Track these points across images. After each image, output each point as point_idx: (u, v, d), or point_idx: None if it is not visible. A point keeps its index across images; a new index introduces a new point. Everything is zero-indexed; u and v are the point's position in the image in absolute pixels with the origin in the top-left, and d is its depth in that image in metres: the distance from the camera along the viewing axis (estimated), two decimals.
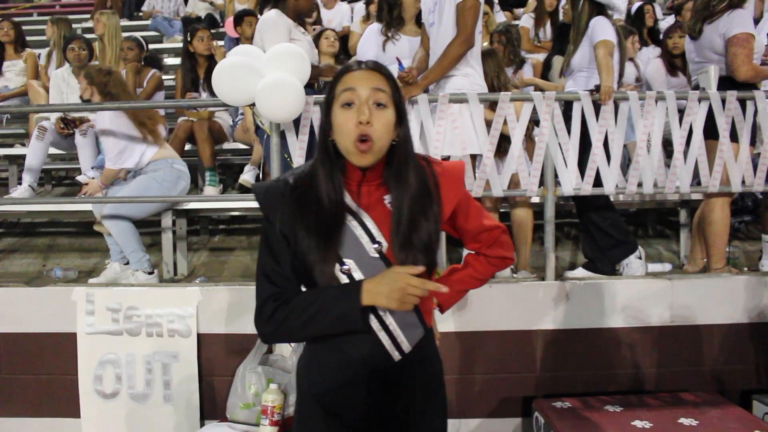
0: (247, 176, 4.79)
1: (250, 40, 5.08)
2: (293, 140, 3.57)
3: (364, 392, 1.64)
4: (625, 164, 4.52)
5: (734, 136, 3.71)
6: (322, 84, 3.93)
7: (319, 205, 1.57)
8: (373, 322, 1.60)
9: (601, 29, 3.84)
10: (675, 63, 5.20)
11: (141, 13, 9.78)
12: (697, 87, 3.96)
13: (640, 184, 3.69)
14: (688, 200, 4.61)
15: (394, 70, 3.69)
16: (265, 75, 3.27)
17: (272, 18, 3.89)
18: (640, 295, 3.50)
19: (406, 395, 1.68)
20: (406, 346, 1.64)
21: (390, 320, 1.61)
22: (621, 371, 3.48)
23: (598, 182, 3.65)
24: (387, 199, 1.62)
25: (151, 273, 4.18)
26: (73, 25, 10.04)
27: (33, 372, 3.62)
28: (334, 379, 1.66)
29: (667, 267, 4.52)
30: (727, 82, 3.78)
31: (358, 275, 1.58)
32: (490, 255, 1.85)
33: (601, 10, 3.93)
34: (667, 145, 3.93)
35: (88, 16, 10.47)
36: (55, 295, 3.64)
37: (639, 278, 3.65)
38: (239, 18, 6.10)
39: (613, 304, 3.48)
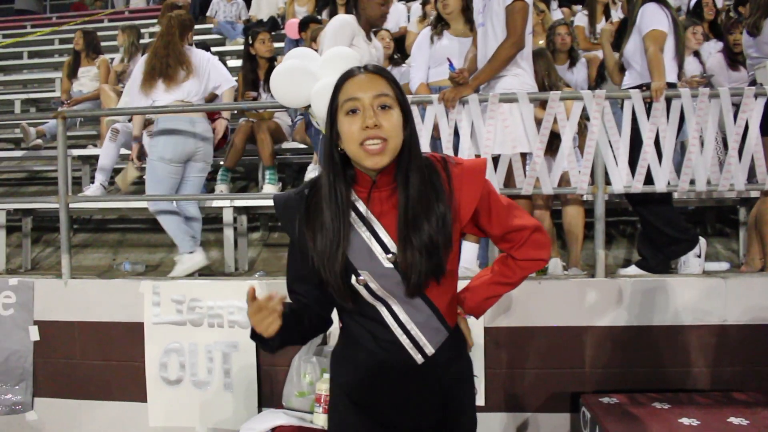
0: (312, 174, 4.95)
1: (312, 43, 5.26)
2: None
3: (389, 391, 1.66)
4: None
5: None
6: None
7: (323, 217, 1.56)
8: (394, 327, 1.61)
9: (650, 17, 3.75)
10: (736, 57, 5.09)
11: (206, 17, 10.08)
12: (754, 83, 3.89)
13: (692, 182, 3.66)
14: (747, 198, 4.52)
15: (446, 70, 3.77)
16: (319, 77, 3.40)
17: (338, 21, 3.93)
18: (692, 294, 3.47)
19: (432, 397, 1.67)
20: (429, 350, 1.64)
21: (411, 325, 1.62)
22: (671, 369, 3.45)
23: (650, 180, 3.63)
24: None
25: (191, 252, 4.33)
26: (142, 30, 10.52)
27: (104, 358, 3.86)
28: (361, 375, 1.67)
29: (724, 266, 4.45)
30: None
31: (375, 286, 1.58)
32: (519, 258, 1.73)
33: None
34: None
35: (156, 21, 10.91)
36: (124, 287, 3.86)
37: (692, 276, 3.62)
38: (304, 24, 6.29)
39: (663, 302, 3.46)
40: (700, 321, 3.45)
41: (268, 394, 3.65)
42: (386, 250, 1.57)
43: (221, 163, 5.26)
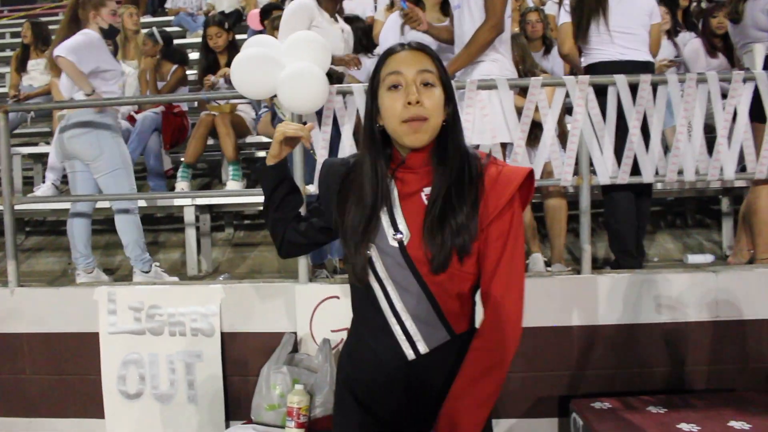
0: None
1: (274, 32, 4.97)
2: (316, 132, 3.44)
3: (387, 388, 1.59)
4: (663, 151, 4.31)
5: None
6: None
7: (361, 195, 1.55)
8: (388, 313, 1.54)
9: None
10: (715, 43, 4.97)
11: (166, 10, 9.74)
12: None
13: (680, 172, 3.49)
14: (730, 188, 4.40)
15: None
16: (284, 65, 3.14)
17: (294, 5, 3.78)
18: (682, 289, 3.32)
19: (428, 399, 1.57)
20: (423, 347, 1.54)
21: (406, 315, 1.53)
22: (663, 369, 3.30)
23: (636, 170, 3.46)
24: (426, 192, 1.53)
25: (147, 272, 4.08)
26: None
27: (57, 372, 3.58)
28: (362, 372, 1.64)
29: (709, 258, 4.33)
30: None
31: (378, 265, 1.54)
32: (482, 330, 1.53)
33: None
34: (709, 131, 3.72)
35: None
36: (76, 295, 3.58)
37: (681, 271, 3.45)
38: (266, 12, 5.99)
39: (653, 298, 3.30)
40: (691, 317, 3.30)
41: (236, 407, 3.40)
42: (396, 229, 1.52)
43: (181, 159, 4.96)
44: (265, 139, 5.17)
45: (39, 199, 4.58)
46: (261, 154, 5.76)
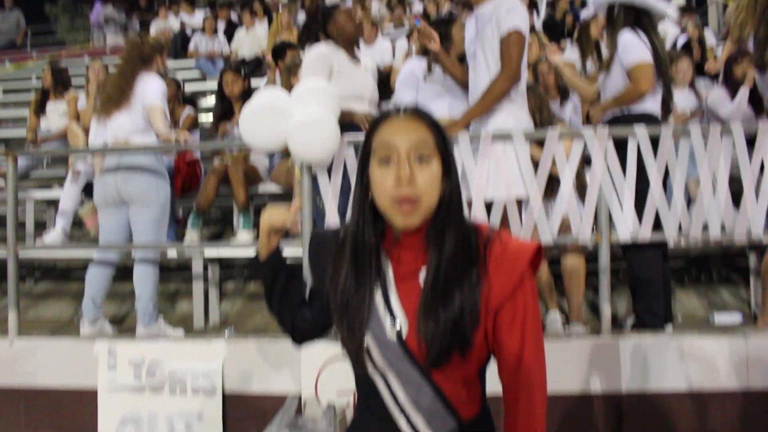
0: None
1: (288, 73, 4.94)
2: (325, 182, 3.35)
3: None
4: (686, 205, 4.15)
5: None
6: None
7: (351, 274, 1.41)
8: (391, 405, 1.40)
9: (630, 48, 3.47)
10: (738, 91, 4.84)
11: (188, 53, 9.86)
12: None
13: (705, 227, 3.33)
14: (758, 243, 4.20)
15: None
16: (292, 115, 3.07)
17: (312, 55, 3.72)
18: (710, 353, 3.13)
19: None
20: None
21: (408, 407, 1.38)
22: None
23: (658, 225, 3.31)
24: (422, 275, 1.38)
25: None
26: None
27: (53, 428, 3.46)
28: None
29: (737, 318, 4.12)
30: None
31: (376, 354, 1.38)
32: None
33: (641, 20, 3.54)
34: (734, 183, 3.57)
35: None
36: (76, 349, 3.48)
37: (708, 334, 3.26)
38: (280, 51, 5.96)
39: (679, 363, 3.11)
40: (719, 385, 3.10)
41: None
42: (392, 315, 1.38)
43: (193, 206, 4.89)
44: (277, 189, 5.09)
45: (43, 247, 4.51)
46: (274, 203, 5.68)
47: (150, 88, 3.89)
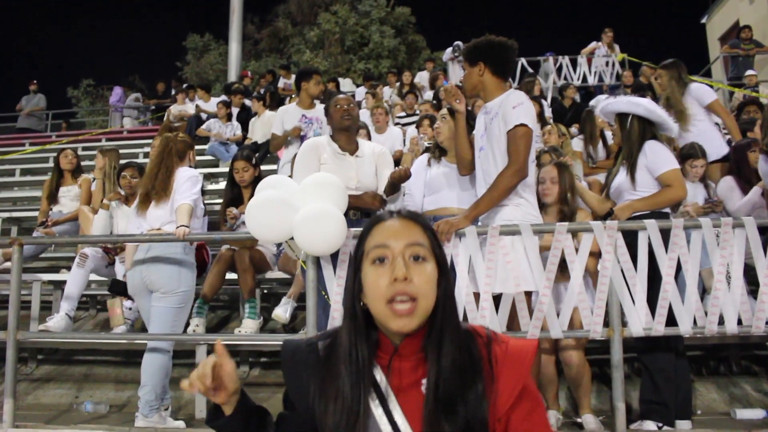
0: (280, 311, 4.53)
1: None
2: (330, 275, 3.31)
3: None
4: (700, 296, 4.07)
5: None
6: (359, 214, 3.69)
7: (343, 382, 1.31)
8: None
9: (663, 157, 3.55)
10: (752, 180, 4.81)
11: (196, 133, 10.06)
12: None
13: (720, 322, 3.24)
14: None
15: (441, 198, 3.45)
16: (298, 207, 3.07)
17: (304, 146, 3.89)
18: None
19: None
20: None
21: None
22: None
23: (671, 320, 3.22)
24: (424, 383, 1.31)
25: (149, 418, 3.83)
26: (137, 150, 10.49)
27: None
28: None
29: (760, 414, 3.95)
30: None
31: None
32: None
33: (653, 131, 3.65)
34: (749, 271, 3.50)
35: (151, 141, 10.95)
36: None
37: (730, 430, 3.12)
38: (305, 74, 6.06)
39: None
40: None
41: None
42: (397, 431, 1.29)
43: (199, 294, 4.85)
44: (285, 276, 5.06)
45: (44, 335, 4.46)
46: (281, 290, 5.64)
47: (185, 188, 4.00)
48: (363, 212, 3.61)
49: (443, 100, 7.29)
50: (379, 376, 1.32)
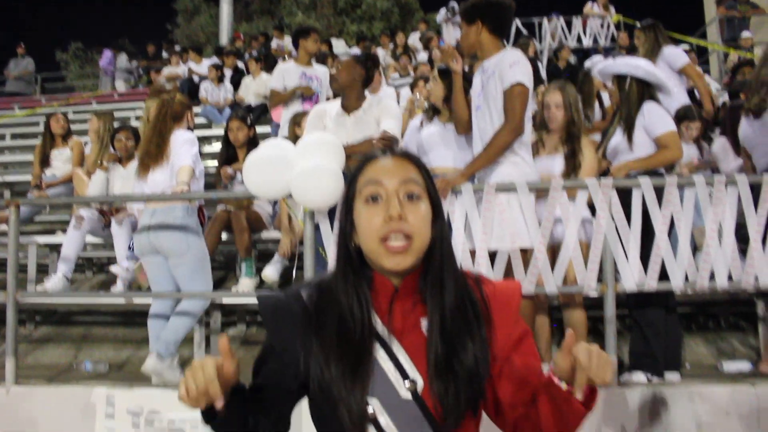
0: (270, 271, 4.57)
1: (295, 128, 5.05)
2: (327, 231, 3.35)
3: None
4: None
5: None
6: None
7: (340, 327, 1.26)
8: None
9: (661, 119, 3.58)
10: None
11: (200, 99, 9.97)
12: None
13: (712, 277, 3.31)
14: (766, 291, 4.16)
15: (435, 158, 3.48)
16: (296, 165, 3.10)
17: (310, 115, 4.01)
18: (719, 404, 3.08)
19: None
20: None
21: None
22: None
23: (663, 275, 3.29)
24: (424, 323, 1.29)
25: (163, 359, 3.87)
26: (129, 114, 10.41)
27: None
28: None
29: (746, 366, 4.04)
30: None
31: (384, 420, 1.24)
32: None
33: (651, 92, 3.67)
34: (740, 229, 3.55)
35: (143, 104, 10.86)
36: (74, 396, 3.45)
37: (717, 383, 3.21)
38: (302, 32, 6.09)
39: (688, 414, 3.06)
40: None
41: None
42: (404, 375, 1.25)
43: None
44: (280, 235, 5.10)
45: (43, 294, 4.50)
46: (276, 248, 5.69)
47: (183, 151, 4.00)
48: None
49: (435, 61, 7.26)
50: (377, 320, 1.29)
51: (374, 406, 1.24)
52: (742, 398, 3.09)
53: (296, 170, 3.14)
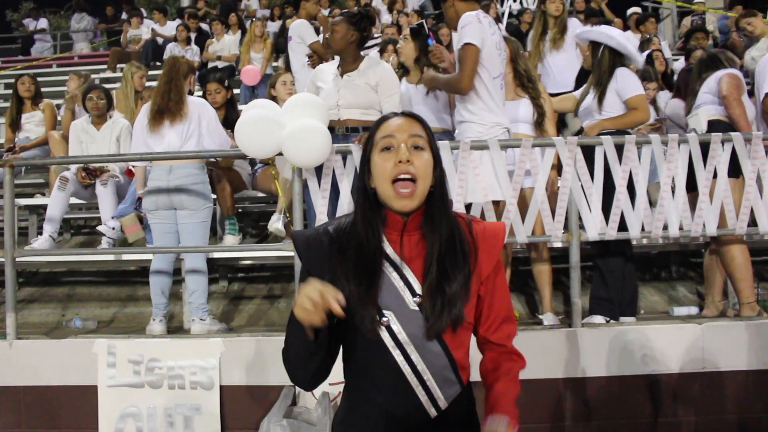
0: (279, 224, 4.77)
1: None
2: (315, 188, 3.57)
3: None
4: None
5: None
6: (344, 130, 3.93)
7: (359, 251, 1.60)
8: (410, 376, 1.59)
9: (632, 83, 3.89)
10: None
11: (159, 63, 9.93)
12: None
13: (665, 227, 3.65)
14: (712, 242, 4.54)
15: None
16: (285, 124, 3.31)
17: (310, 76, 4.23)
18: (670, 341, 3.43)
19: None
20: (443, 403, 1.61)
21: (427, 375, 1.59)
22: (650, 420, 3.39)
23: (623, 226, 3.61)
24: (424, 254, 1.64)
25: (204, 321, 4.12)
26: (92, 75, 10.29)
27: (53, 426, 3.58)
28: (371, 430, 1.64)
29: (693, 310, 4.44)
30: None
31: (397, 327, 1.58)
32: (502, 348, 1.71)
33: (621, 61, 3.96)
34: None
35: (104, 66, 10.73)
36: (76, 348, 3.62)
37: (667, 323, 3.58)
38: None
39: (643, 351, 3.41)
40: (677, 369, 3.40)
41: None
42: (413, 293, 1.59)
43: None
44: (260, 194, 5.27)
45: (39, 252, 4.61)
46: (256, 209, 5.88)
47: (220, 131, 4.29)
48: (350, 129, 3.85)
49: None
50: (389, 249, 1.62)
51: (389, 316, 1.58)
52: (689, 335, 3.45)
53: (287, 129, 3.34)
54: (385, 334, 1.58)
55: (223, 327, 4.16)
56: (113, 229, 4.75)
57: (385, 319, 1.58)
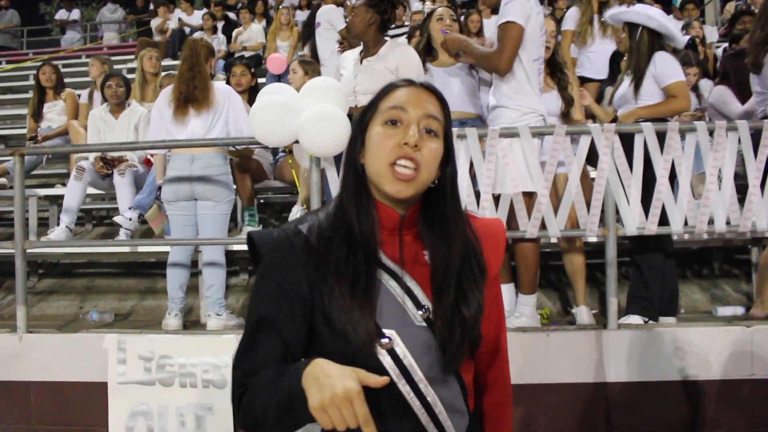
0: (298, 216, 4.62)
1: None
2: (334, 178, 3.38)
3: None
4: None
5: None
6: None
7: (349, 245, 1.25)
8: (420, 410, 1.26)
9: (672, 69, 3.61)
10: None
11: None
12: (766, 117, 3.68)
13: (710, 222, 3.38)
14: (760, 238, 4.25)
15: None
16: (302, 111, 3.11)
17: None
18: (715, 345, 3.18)
19: None
20: None
21: (439, 408, 1.27)
22: (696, 430, 3.14)
23: (663, 221, 3.35)
24: (426, 255, 1.30)
25: (220, 315, 4.01)
26: (117, 66, 10.27)
27: (63, 423, 3.49)
28: None
29: (739, 310, 4.16)
30: None
31: (401, 350, 1.24)
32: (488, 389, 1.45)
33: (661, 42, 3.68)
34: (739, 179, 3.62)
35: (132, 57, 10.69)
36: (86, 343, 3.50)
37: (713, 326, 3.31)
38: None
39: (685, 355, 3.16)
40: (725, 375, 3.14)
41: None
42: (418, 305, 1.27)
43: None
44: (282, 184, 5.12)
45: (50, 243, 4.51)
46: (278, 199, 5.74)
47: (242, 115, 4.07)
48: None
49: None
50: (382, 251, 1.29)
51: (391, 336, 1.24)
52: (737, 338, 3.19)
53: (304, 116, 3.15)
54: (387, 360, 1.23)
55: (241, 322, 4.01)
56: (130, 219, 4.63)
57: (386, 340, 1.23)
